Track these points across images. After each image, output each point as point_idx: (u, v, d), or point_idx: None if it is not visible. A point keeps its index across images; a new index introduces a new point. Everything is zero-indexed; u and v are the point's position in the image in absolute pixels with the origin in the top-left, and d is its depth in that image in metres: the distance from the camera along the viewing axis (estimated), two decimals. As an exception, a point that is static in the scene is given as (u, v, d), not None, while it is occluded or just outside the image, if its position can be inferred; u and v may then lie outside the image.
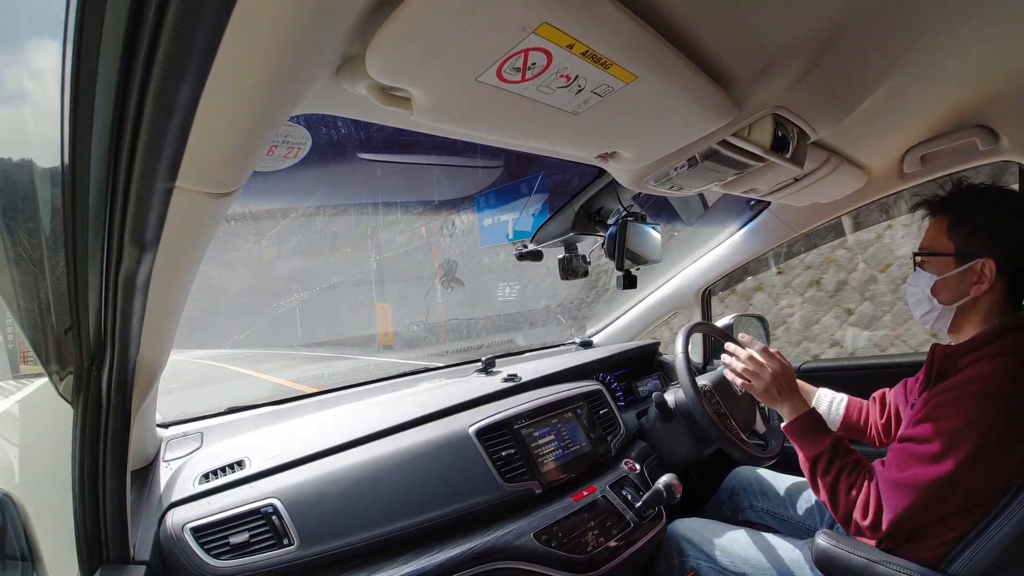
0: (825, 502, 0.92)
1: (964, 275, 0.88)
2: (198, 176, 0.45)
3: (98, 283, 0.52)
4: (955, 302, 0.90)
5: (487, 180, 5.52)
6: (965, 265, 0.88)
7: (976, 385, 0.81)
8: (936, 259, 0.92)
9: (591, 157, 0.81)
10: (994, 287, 0.87)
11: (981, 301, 0.89)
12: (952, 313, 0.92)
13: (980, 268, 0.87)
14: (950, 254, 0.90)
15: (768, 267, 4.39)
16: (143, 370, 0.64)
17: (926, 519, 0.83)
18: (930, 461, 0.80)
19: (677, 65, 0.56)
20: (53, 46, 0.41)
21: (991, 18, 0.70)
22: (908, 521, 0.83)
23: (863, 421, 1.21)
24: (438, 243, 9.08)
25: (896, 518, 0.82)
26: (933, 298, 0.92)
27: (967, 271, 0.88)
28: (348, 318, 9.97)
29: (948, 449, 0.79)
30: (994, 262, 0.85)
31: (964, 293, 0.89)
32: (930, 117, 1.06)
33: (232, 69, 0.36)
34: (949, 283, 0.90)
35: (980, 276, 0.87)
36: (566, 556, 0.99)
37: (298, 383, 6.06)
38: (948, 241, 0.90)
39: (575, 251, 1.36)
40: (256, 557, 0.80)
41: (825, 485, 0.92)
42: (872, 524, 0.85)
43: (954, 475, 0.78)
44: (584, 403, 1.30)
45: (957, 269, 0.89)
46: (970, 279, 0.88)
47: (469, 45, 0.44)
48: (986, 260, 0.86)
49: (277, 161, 0.65)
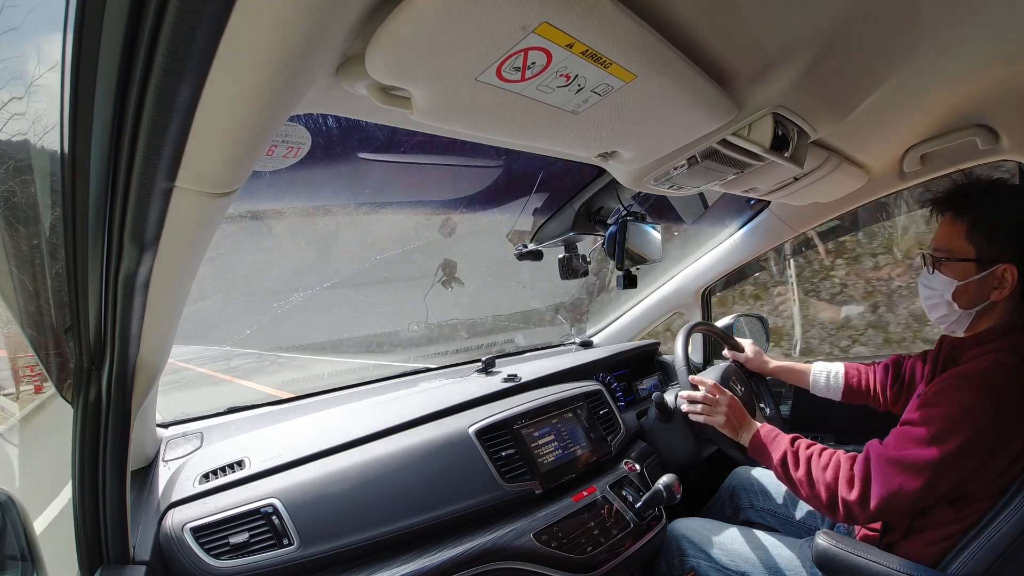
0: (807, 498, 0.92)
1: (985, 280, 0.87)
2: (198, 176, 0.45)
3: (98, 283, 0.52)
4: (975, 307, 0.90)
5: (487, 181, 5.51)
6: (987, 271, 0.87)
7: (977, 376, 0.81)
8: (957, 263, 0.90)
9: (591, 156, 0.81)
10: (1013, 290, 0.86)
11: (999, 304, 0.89)
12: (971, 317, 0.91)
13: (1001, 274, 0.86)
14: (971, 259, 0.88)
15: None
16: (143, 370, 0.64)
17: (916, 502, 0.83)
18: (927, 443, 0.81)
19: (677, 64, 0.56)
20: (53, 46, 0.41)
21: (991, 18, 0.70)
22: (899, 500, 0.82)
23: (865, 385, 1.23)
24: (443, 242, 9.10)
25: (887, 494, 0.82)
26: (953, 303, 0.91)
27: (988, 276, 0.87)
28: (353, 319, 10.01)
29: (945, 434, 0.80)
30: (1016, 267, 0.85)
31: (984, 298, 0.88)
32: (930, 116, 1.06)
33: (232, 69, 0.36)
34: (970, 288, 0.89)
35: (1001, 281, 0.86)
36: (566, 556, 0.99)
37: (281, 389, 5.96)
38: (968, 246, 0.88)
39: (575, 251, 1.36)
40: (256, 557, 0.80)
41: (801, 479, 0.92)
42: (860, 498, 0.84)
43: (948, 458, 0.79)
44: (584, 403, 1.30)
45: (978, 275, 0.88)
46: (990, 284, 0.87)
47: (469, 45, 0.44)
48: (1008, 266, 0.85)
49: (277, 161, 0.65)
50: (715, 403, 1.11)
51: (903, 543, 0.90)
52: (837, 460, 0.90)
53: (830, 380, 1.27)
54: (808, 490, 0.91)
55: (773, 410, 1.40)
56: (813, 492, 0.91)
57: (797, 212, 1.54)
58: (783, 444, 0.97)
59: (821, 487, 0.89)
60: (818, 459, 0.92)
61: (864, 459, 0.87)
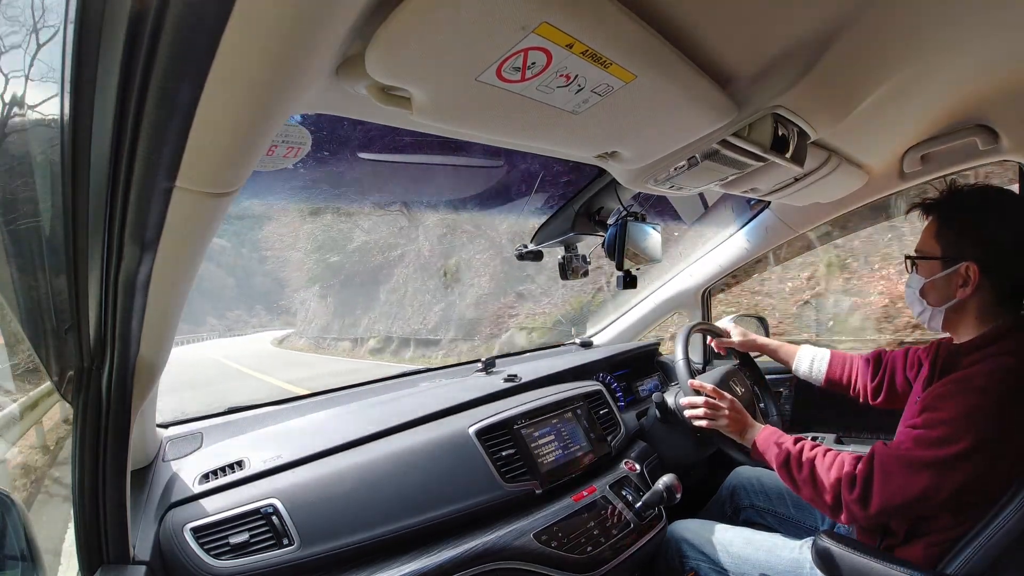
0: (811, 498, 0.93)
1: (950, 278, 0.90)
2: (198, 176, 0.45)
3: (98, 283, 0.52)
4: (943, 304, 0.92)
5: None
6: (950, 268, 0.90)
7: (980, 380, 0.82)
8: (925, 262, 0.94)
9: (591, 157, 0.81)
10: (980, 289, 0.88)
11: (969, 303, 0.90)
12: (942, 314, 0.93)
13: (964, 271, 0.88)
14: (936, 257, 0.92)
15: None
16: (143, 370, 0.64)
17: (919, 504, 0.83)
18: (931, 445, 0.82)
19: (677, 65, 0.56)
20: (54, 46, 0.41)
21: (991, 18, 0.70)
22: (901, 501, 0.82)
23: (847, 377, 1.24)
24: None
25: (890, 495, 0.83)
26: (923, 299, 0.95)
27: (952, 274, 0.90)
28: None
29: (950, 437, 0.80)
30: (977, 265, 0.87)
31: (951, 295, 0.91)
32: (930, 117, 1.06)
33: (232, 69, 0.36)
34: (936, 285, 0.92)
35: (964, 279, 0.88)
36: (566, 556, 0.99)
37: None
38: (935, 244, 0.92)
39: (575, 251, 1.36)
40: (256, 557, 0.80)
41: (804, 479, 0.93)
42: (862, 498, 0.85)
43: (953, 461, 0.79)
44: (584, 403, 1.30)
45: (943, 272, 0.91)
46: (956, 282, 0.90)
47: (469, 45, 0.44)
48: (970, 264, 0.87)
49: (277, 161, 0.65)
50: (717, 408, 1.12)
51: (903, 547, 0.90)
52: (841, 460, 0.90)
53: (813, 364, 1.29)
54: (811, 490, 0.92)
55: (773, 410, 1.40)
56: (816, 492, 0.91)
57: (797, 212, 1.54)
58: (786, 445, 0.98)
59: (825, 487, 0.89)
60: (822, 460, 0.92)
61: (868, 460, 0.87)
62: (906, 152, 1.21)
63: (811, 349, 1.31)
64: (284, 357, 14.35)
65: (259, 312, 20.15)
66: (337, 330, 14.20)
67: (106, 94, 0.39)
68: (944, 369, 0.94)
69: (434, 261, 10.83)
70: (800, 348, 1.33)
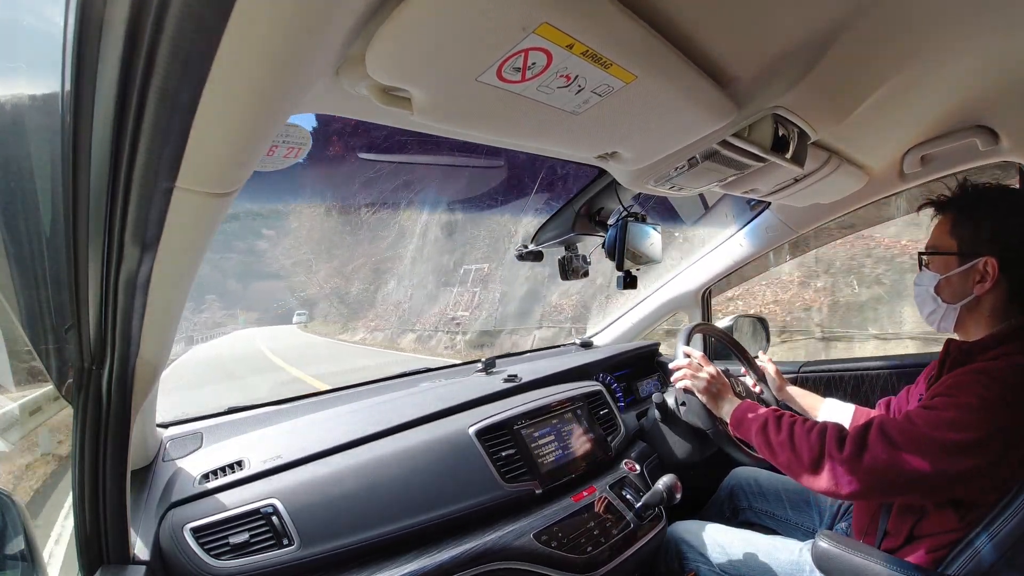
0: (786, 462, 0.89)
1: (967, 273, 0.88)
2: (198, 176, 0.45)
3: (98, 283, 0.52)
4: (959, 301, 0.90)
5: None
6: (968, 264, 0.88)
7: (996, 374, 0.80)
8: (940, 258, 0.92)
9: (591, 157, 0.81)
10: (997, 286, 0.86)
11: (985, 300, 0.88)
12: (956, 312, 0.91)
13: (983, 267, 0.87)
14: (953, 253, 0.90)
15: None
16: (143, 370, 0.64)
17: (908, 487, 0.80)
18: (942, 427, 0.78)
19: (677, 65, 0.56)
20: (54, 46, 0.41)
21: (990, 19, 0.70)
22: (895, 475, 0.79)
23: None
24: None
25: (886, 463, 0.79)
26: (937, 296, 0.92)
27: (970, 270, 0.88)
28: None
29: (963, 423, 0.77)
30: (996, 260, 0.85)
31: (968, 292, 0.89)
32: (930, 117, 1.06)
33: (232, 69, 0.36)
34: (952, 281, 0.90)
35: (983, 275, 0.87)
36: (566, 556, 0.99)
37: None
38: (951, 240, 0.91)
39: (575, 251, 1.36)
40: (256, 557, 0.80)
41: (782, 441, 0.90)
42: (852, 455, 0.81)
43: (961, 447, 0.76)
44: (584, 403, 1.30)
45: (960, 268, 0.89)
46: (973, 278, 0.88)
47: (469, 45, 0.44)
48: (988, 258, 0.86)
49: (277, 161, 0.65)
50: (699, 368, 1.13)
51: (903, 548, 0.89)
52: (824, 426, 0.88)
53: (839, 419, 1.20)
54: (788, 452, 0.89)
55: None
56: (794, 453, 0.88)
57: (798, 213, 1.54)
58: (765, 413, 0.97)
59: (803, 448, 0.87)
60: (802, 424, 0.90)
61: (867, 423, 0.84)
62: (906, 153, 1.21)
63: (837, 405, 1.23)
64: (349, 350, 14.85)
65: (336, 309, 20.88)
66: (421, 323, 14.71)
67: (106, 94, 0.39)
68: (953, 366, 0.90)
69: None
70: (825, 402, 1.26)
